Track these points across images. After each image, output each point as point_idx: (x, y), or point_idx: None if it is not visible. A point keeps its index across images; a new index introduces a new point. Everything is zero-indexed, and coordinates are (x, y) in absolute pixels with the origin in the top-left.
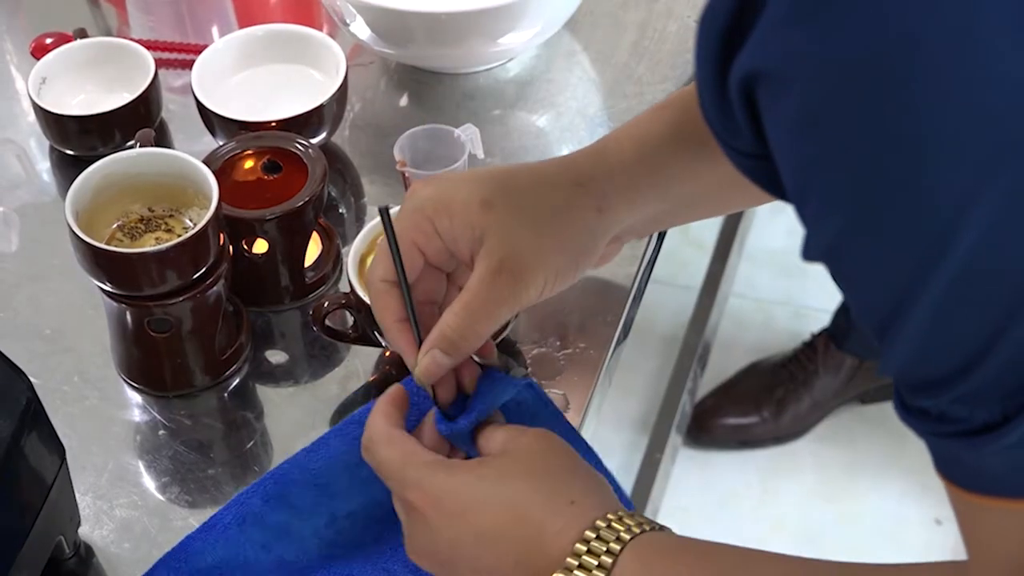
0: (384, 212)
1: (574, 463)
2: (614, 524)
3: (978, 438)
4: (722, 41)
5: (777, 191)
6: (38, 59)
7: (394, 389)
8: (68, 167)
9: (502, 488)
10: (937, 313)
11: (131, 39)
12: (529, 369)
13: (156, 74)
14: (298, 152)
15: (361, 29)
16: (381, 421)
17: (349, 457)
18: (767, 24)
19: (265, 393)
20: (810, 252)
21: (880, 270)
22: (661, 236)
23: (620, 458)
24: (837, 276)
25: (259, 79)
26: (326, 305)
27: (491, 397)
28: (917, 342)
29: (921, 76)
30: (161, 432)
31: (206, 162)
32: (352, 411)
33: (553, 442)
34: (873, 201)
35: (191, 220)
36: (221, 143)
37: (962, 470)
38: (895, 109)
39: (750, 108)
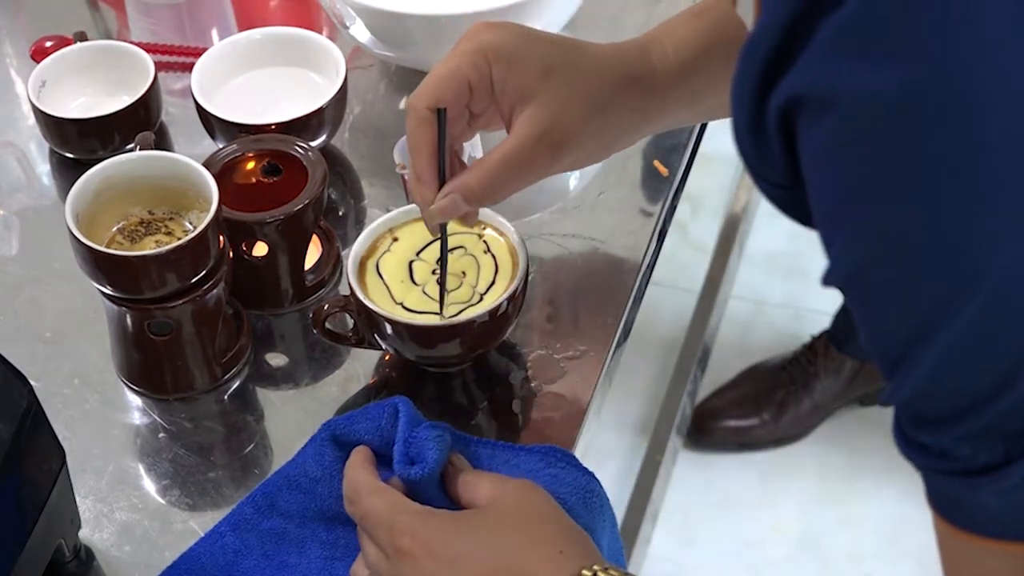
0: (441, 112)
1: (559, 512)
2: (599, 573)
3: (978, 478)
4: (765, 68)
5: (806, 221)
6: (38, 62)
7: (362, 448)
8: (68, 170)
9: (494, 537)
10: (954, 350)
11: (131, 42)
12: (529, 372)
13: (156, 77)
14: (298, 155)
15: (361, 32)
16: (363, 473)
17: (325, 460)
18: (815, 50)
19: (265, 396)
20: (831, 278)
21: (903, 303)
22: (661, 239)
23: (620, 460)
24: (856, 305)
25: (259, 82)
26: (326, 308)
27: (434, 444)
28: (929, 376)
29: (964, 113)
30: (161, 435)
31: (206, 165)
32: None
33: (537, 492)
34: (904, 234)
35: (191, 223)
36: (221, 146)
37: (955, 507)
38: (936, 144)
39: (786, 136)
